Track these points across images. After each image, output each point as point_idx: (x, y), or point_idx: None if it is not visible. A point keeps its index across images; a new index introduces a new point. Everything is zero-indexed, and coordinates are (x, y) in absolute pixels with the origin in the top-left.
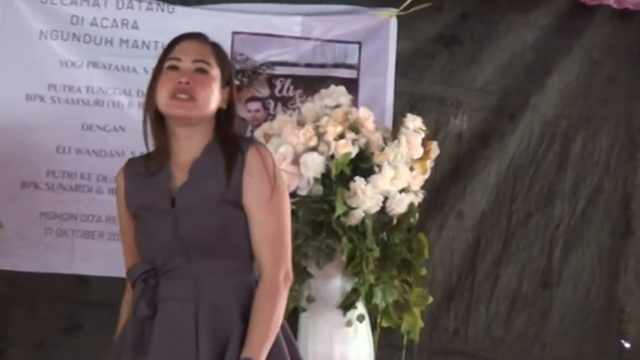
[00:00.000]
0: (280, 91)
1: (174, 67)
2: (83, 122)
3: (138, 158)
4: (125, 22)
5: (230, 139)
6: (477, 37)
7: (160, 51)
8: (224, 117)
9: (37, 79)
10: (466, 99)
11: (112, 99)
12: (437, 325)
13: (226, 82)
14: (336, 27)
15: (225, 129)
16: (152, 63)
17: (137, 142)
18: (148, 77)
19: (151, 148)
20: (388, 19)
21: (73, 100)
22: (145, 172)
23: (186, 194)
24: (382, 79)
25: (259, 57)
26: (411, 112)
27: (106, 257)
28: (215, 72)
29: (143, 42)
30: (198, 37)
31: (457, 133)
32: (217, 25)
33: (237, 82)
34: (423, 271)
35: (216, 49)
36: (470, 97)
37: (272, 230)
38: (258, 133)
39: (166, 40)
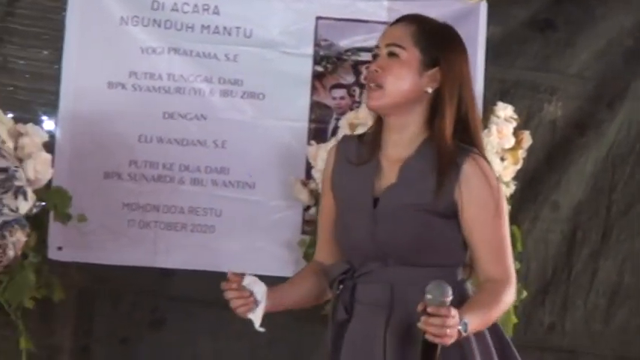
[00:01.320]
0: (366, 77)
1: (375, 56)
2: (164, 110)
3: (352, 137)
4: (206, 7)
5: (446, 143)
6: (572, 22)
7: (241, 37)
8: (433, 105)
9: (119, 66)
10: (561, 85)
11: (193, 86)
12: (532, 320)
13: (432, 63)
14: (424, 12)
15: (448, 123)
16: (234, 49)
17: (219, 131)
18: (230, 64)
19: None
20: (478, 3)
21: (154, 87)
22: (356, 157)
23: (392, 197)
24: (471, 66)
25: (344, 43)
26: (502, 99)
27: (188, 250)
28: (409, 54)
29: (224, 28)
30: (407, 19)
31: (551, 121)
32: (301, 10)
33: (320, 69)
34: (517, 265)
35: (423, 28)
36: (565, 83)
37: (498, 246)
38: (344, 123)
39: (248, 26)
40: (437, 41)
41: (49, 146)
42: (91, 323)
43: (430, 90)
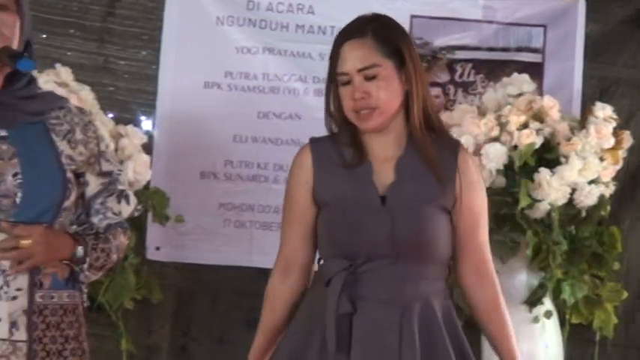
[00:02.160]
0: (461, 76)
1: (346, 82)
2: (259, 110)
3: (324, 140)
4: (301, 6)
5: (425, 135)
6: None
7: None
8: (408, 101)
9: (214, 66)
10: None
11: (288, 86)
12: (633, 320)
13: (401, 63)
14: (520, 10)
15: (418, 115)
16: (328, 48)
17: (313, 130)
18: (324, 63)
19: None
20: (576, 1)
21: (249, 87)
22: (341, 161)
23: (399, 194)
24: (570, 64)
25: (439, 41)
26: (602, 97)
27: None
28: (385, 68)
29: (319, 27)
30: (357, 32)
31: None
32: (395, 8)
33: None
34: (616, 265)
35: (379, 36)
36: None
37: (486, 234)
38: None
39: (343, 25)
40: (395, 41)
41: (147, 147)
42: (189, 323)
43: (407, 88)
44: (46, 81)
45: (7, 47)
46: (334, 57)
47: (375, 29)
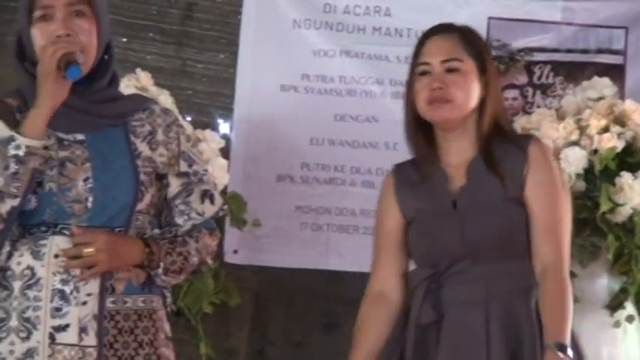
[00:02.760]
0: (539, 78)
1: (425, 73)
2: (336, 113)
3: (405, 164)
4: (378, 9)
5: (504, 136)
6: None
7: (413, 39)
8: (482, 108)
9: (291, 69)
10: None
11: (365, 88)
12: None
13: (483, 69)
14: (600, 12)
15: (489, 122)
16: (405, 51)
17: (390, 133)
18: (401, 66)
19: None
20: None
21: (325, 90)
22: (418, 178)
23: (468, 196)
24: None
25: (517, 43)
26: None
27: (360, 252)
28: (467, 65)
29: (396, 29)
30: (444, 30)
31: None
32: (473, 11)
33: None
34: None
35: (466, 36)
36: None
37: (557, 225)
38: (516, 127)
39: (419, 27)
40: (480, 47)
41: (225, 151)
42: (266, 327)
43: (483, 95)
44: (126, 86)
45: (69, 54)
46: (417, 51)
47: (462, 30)
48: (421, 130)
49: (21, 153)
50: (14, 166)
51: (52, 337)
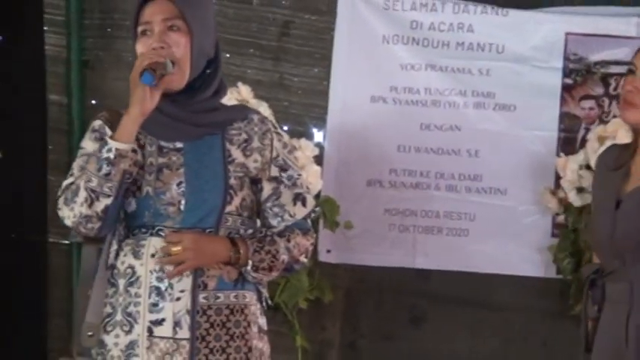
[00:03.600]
0: (615, 89)
1: (630, 71)
2: (422, 122)
3: (616, 145)
4: (461, 25)
5: None
6: None
7: (494, 53)
8: None
9: (380, 81)
10: None
11: (448, 100)
12: None
13: None
14: None
15: None
16: (486, 64)
17: (472, 141)
18: (483, 78)
19: None
20: None
21: (412, 101)
22: (613, 163)
23: (632, 199)
24: None
25: (593, 57)
26: None
27: (444, 252)
28: None
29: (478, 44)
30: None
31: None
32: (551, 27)
33: (570, 81)
34: None
35: None
36: None
37: None
38: (592, 136)
39: (500, 42)
40: None
41: (318, 158)
42: (357, 321)
43: None
44: (229, 98)
45: (155, 63)
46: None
47: None
48: None
49: (112, 156)
50: (106, 167)
51: (150, 331)
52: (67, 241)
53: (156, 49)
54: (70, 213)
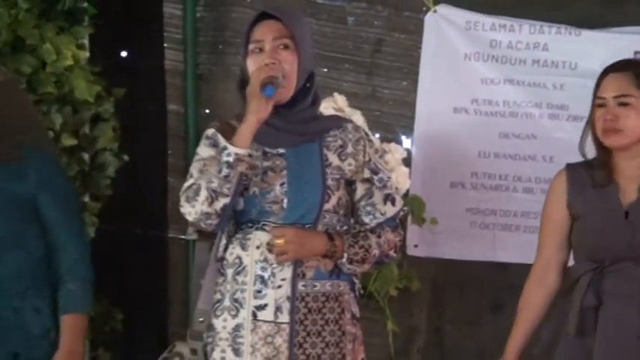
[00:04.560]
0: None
1: (600, 105)
2: (500, 131)
3: (577, 165)
4: (537, 44)
5: None
6: None
7: (567, 69)
8: None
9: (462, 94)
10: None
11: (525, 111)
12: None
13: None
14: None
15: None
16: (560, 79)
17: (547, 148)
18: (557, 92)
19: (589, 156)
20: None
21: (491, 112)
22: (591, 181)
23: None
24: None
25: None
26: None
27: (521, 247)
28: (637, 100)
29: (552, 62)
30: (620, 69)
31: None
32: (621, 45)
33: None
34: None
35: (637, 73)
36: None
37: None
38: None
39: (573, 60)
40: None
41: (407, 161)
42: (442, 308)
43: None
44: (325, 107)
45: (270, 77)
46: (597, 85)
47: (636, 67)
48: (601, 148)
49: (231, 159)
50: (225, 170)
51: (254, 315)
52: (184, 236)
53: (268, 65)
54: (191, 210)
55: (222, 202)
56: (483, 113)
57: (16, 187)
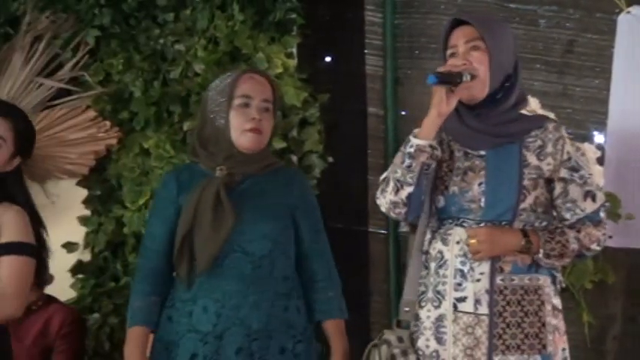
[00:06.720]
0: None
1: None
2: None
3: None
4: None
5: None
6: None
7: None
8: None
9: None
10: None
11: None
12: None
13: None
14: None
15: None
16: None
17: None
18: None
19: None
20: None
21: None
22: None
23: None
24: None
25: None
26: None
27: None
28: None
29: None
30: None
31: None
32: None
33: None
34: None
35: None
36: None
37: None
38: None
39: None
40: None
41: (600, 158)
42: (637, 297)
43: None
44: None
45: (449, 72)
46: None
47: None
48: None
49: (412, 150)
50: (408, 160)
51: (455, 307)
52: (384, 231)
53: (458, 66)
54: (383, 200)
55: (406, 190)
56: None
57: (285, 199)
